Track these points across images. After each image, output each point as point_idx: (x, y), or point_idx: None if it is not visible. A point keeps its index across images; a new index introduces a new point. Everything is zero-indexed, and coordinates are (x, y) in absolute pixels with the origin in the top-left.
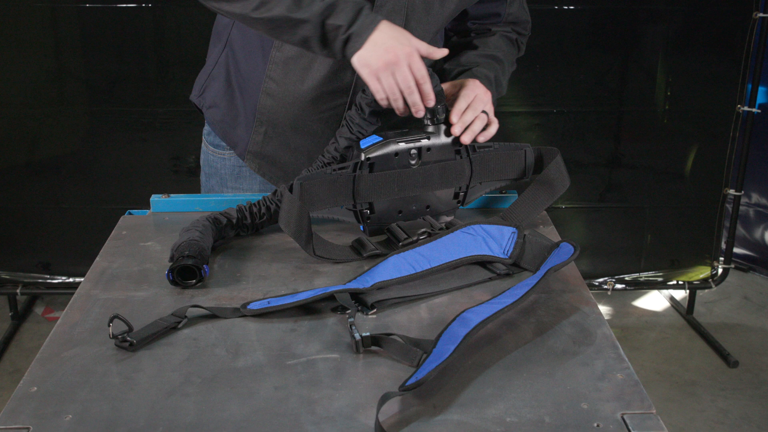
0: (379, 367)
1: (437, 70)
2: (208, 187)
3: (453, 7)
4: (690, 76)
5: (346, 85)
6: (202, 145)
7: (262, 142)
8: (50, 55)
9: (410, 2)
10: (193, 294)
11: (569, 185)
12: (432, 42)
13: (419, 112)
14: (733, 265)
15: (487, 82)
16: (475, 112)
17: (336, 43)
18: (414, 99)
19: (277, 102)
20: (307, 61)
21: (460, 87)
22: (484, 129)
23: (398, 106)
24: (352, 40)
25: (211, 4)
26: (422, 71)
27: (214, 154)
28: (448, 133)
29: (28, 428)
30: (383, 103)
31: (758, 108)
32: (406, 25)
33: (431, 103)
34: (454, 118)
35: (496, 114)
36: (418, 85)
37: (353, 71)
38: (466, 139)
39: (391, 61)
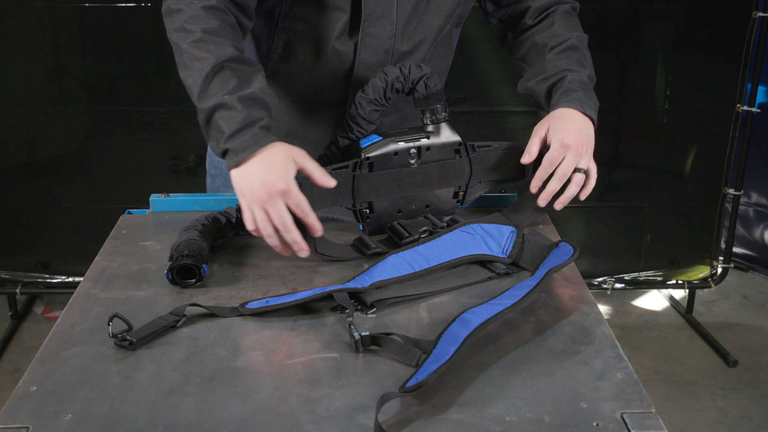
0: (378, 366)
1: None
2: (214, 188)
3: None
4: (690, 75)
5: (340, 95)
6: (208, 147)
7: None
8: (49, 55)
9: None
10: (192, 293)
11: None
12: (438, 39)
13: (301, 252)
14: (732, 265)
15: (584, 93)
16: (561, 179)
17: (217, 148)
18: (292, 237)
19: (276, 114)
20: (297, 73)
21: (551, 140)
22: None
23: (273, 243)
24: (229, 155)
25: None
26: (302, 205)
27: None
28: (447, 133)
29: (27, 428)
30: (255, 233)
31: (758, 107)
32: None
33: (318, 233)
34: (533, 187)
35: (496, 113)
36: (299, 218)
37: (347, 82)
38: (558, 207)
39: (262, 198)
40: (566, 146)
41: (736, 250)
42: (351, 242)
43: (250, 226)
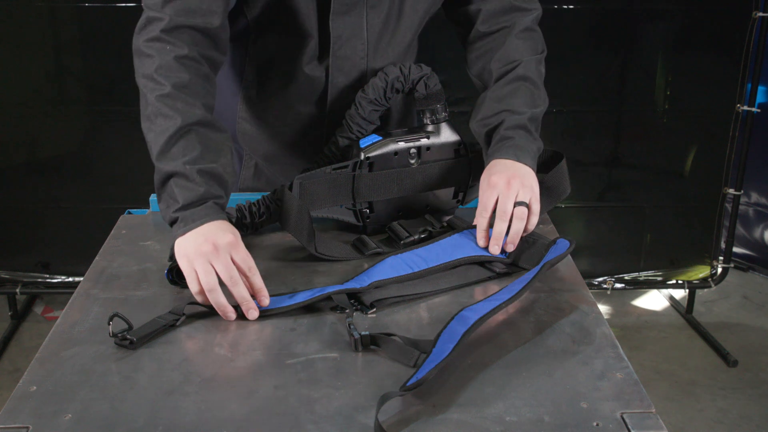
0: (378, 366)
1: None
2: None
3: None
4: (689, 75)
5: (317, 120)
6: None
7: (252, 178)
8: (50, 55)
9: None
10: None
11: (569, 193)
12: (409, 49)
13: (250, 312)
14: (732, 265)
15: (522, 138)
16: (504, 217)
17: (166, 213)
18: (240, 292)
19: (253, 140)
20: (271, 98)
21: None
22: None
23: (216, 300)
24: (178, 224)
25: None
26: (248, 262)
27: None
28: (447, 133)
29: (27, 427)
30: (199, 297)
31: (758, 107)
32: (400, 4)
33: (266, 301)
34: (480, 240)
35: None
36: (245, 276)
37: (322, 106)
38: (509, 248)
39: (207, 251)
40: (494, 185)
41: (736, 250)
42: (351, 242)
43: (193, 286)
